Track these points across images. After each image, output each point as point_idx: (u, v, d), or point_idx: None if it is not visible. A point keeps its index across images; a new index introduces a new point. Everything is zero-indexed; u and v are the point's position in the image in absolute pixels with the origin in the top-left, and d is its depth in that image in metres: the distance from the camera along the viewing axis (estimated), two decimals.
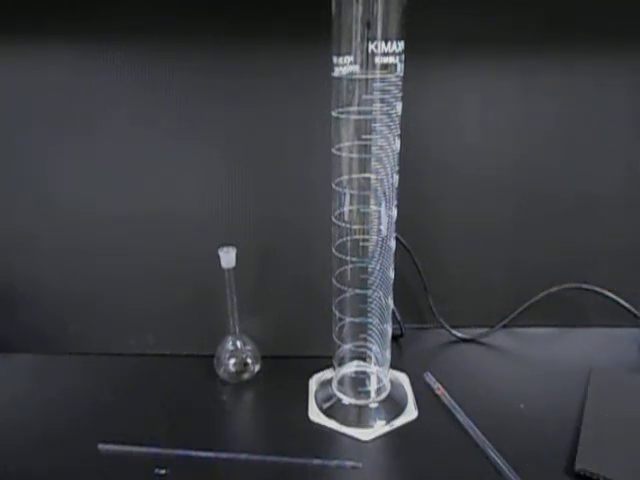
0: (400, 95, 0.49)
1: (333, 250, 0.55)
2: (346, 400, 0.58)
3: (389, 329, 0.57)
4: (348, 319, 0.56)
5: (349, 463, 0.50)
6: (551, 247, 0.70)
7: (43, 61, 0.60)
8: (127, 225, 0.65)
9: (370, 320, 0.55)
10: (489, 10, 0.61)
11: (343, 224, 0.53)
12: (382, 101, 0.48)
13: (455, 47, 0.62)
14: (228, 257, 0.59)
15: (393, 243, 0.55)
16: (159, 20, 0.59)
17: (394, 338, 0.65)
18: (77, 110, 0.62)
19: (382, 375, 0.59)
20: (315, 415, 0.57)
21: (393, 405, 0.58)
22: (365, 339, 0.56)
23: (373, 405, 0.58)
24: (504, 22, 0.61)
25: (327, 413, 0.57)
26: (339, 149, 0.51)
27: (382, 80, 0.47)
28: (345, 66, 0.47)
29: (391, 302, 0.57)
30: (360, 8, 0.45)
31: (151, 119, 0.62)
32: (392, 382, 0.60)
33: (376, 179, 0.51)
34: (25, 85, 0.61)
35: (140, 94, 0.61)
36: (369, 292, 0.54)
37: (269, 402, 0.60)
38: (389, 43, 0.46)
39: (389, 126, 0.49)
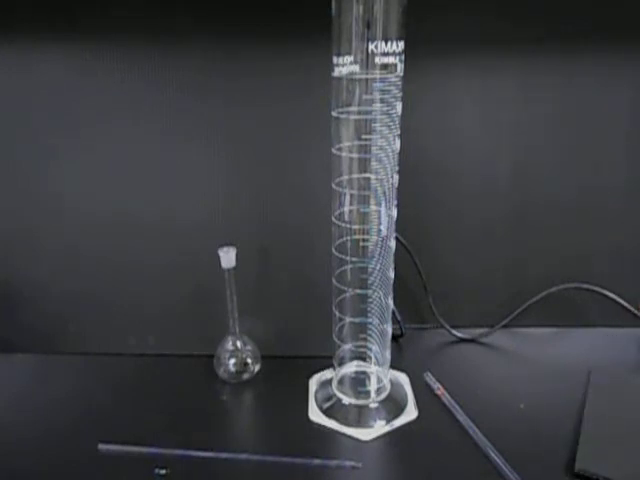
0: (400, 95, 0.49)
1: (333, 250, 0.55)
2: (346, 400, 0.58)
3: (389, 329, 0.57)
4: (348, 319, 0.56)
5: (349, 463, 0.50)
6: (551, 247, 0.70)
7: (44, 62, 0.60)
8: (127, 225, 0.65)
9: (370, 320, 0.55)
10: (489, 10, 0.61)
11: (343, 224, 0.53)
12: (382, 101, 0.48)
13: (455, 47, 0.62)
14: (228, 257, 0.59)
15: (393, 243, 0.55)
16: (159, 20, 0.59)
17: (394, 338, 0.65)
18: (77, 111, 0.62)
19: (382, 375, 0.59)
20: (315, 415, 0.57)
21: (393, 405, 0.58)
22: (365, 339, 0.56)
23: (373, 405, 0.58)
24: (504, 22, 0.61)
25: (327, 413, 0.57)
26: (339, 149, 0.51)
27: (382, 80, 0.47)
28: (345, 66, 0.48)
29: (391, 302, 0.57)
30: (360, 8, 0.45)
31: (151, 119, 0.62)
32: (392, 382, 0.60)
33: (376, 179, 0.51)
34: (25, 85, 0.61)
35: (140, 94, 0.61)
36: (369, 292, 0.54)
37: (269, 402, 0.60)
38: (389, 43, 0.46)
39: (389, 126, 0.49)
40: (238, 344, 0.63)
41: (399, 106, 0.50)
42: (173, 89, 0.61)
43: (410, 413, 0.57)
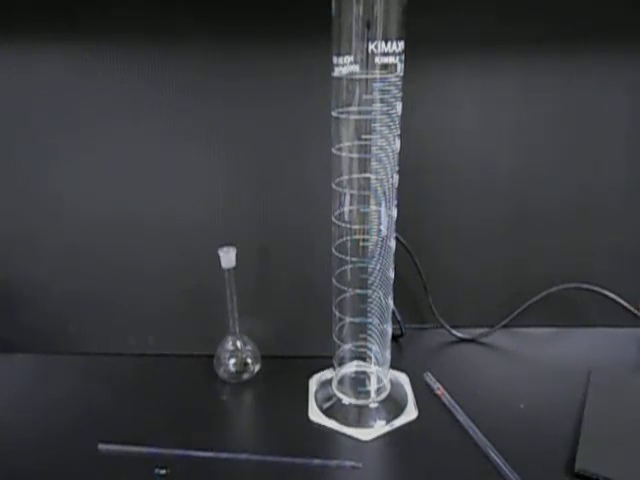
0: (400, 95, 0.49)
1: (333, 250, 0.55)
2: (346, 400, 0.58)
3: (389, 329, 0.57)
4: (348, 319, 0.56)
5: (349, 463, 0.50)
6: (551, 247, 0.70)
7: (44, 62, 0.60)
8: (127, 225, 0.65)
9: (370, 320, 0.55)
10: (489, 10, 0.61)
11: (343, 224, 0.53)
12: (382, 101, 0.48)
13: (455, 47, 0.62)
14: (228, 257, 0.59)
15: (393, 243, 0.55)
16: (159, 20, 0.59)
17: (394, 338, 0.65)
18: (77, 111, 0.62)
19: (382, 375, 0.59)
20: (315, 415, 0.57)
21: (393, 405, 0.58)
22: (365, 339, 0.56)
23: (373, 405, 0.58)
24: (504, 22, 0.61)
25: (327, 413, 0.57)
26: (339, 149, 0.51)
27: (382, 80, 0.47)
28: (345, 66, 0.48)
29: (391, 302, 0.57)
30: (360, 8, 0.45)
31: (151, 119, 0.62)
32: (392, 382, 0.60)
33: (376, 179, 0.51)
34: (25, 85, 0.61)
35: (140, 94, 0.61)
36: (369, 292, 0.54)
37: (269, 402, 0.60)
38: (389, 43, 0.46)
39: (389, 126, 0.49)
40: (238, 344, 0.63)
41: (399, 106, 0.50)
42: (173, 89, 0.61)
43: (410, 413, 0.57)
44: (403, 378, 0.62)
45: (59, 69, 0.61)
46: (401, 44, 0.47)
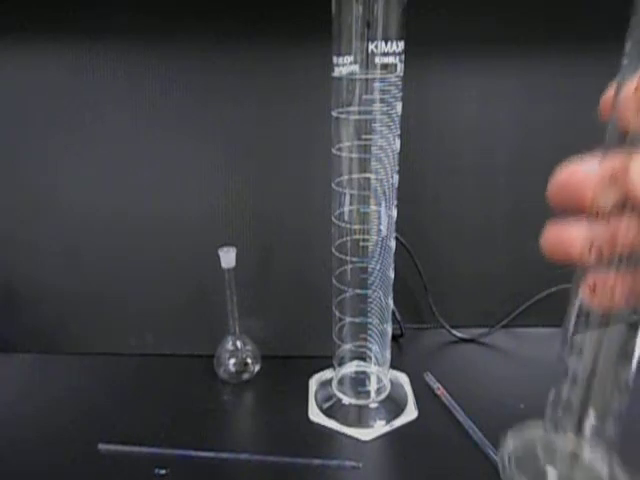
0: (400, 95, 0.49)
1: (333, 250, 0.55)
2: (346, 400, 0.58)
3: (389, 329, 0.57)
4: (348, 319, 0.56)
5: (349, 463, 0.50)
6: None
7: (44, 61, 0.60)
8: (127, 225, 0.65)
9: (370, 320, 0.55)
10: (488, 10, 0.61)
11: (343, 224, 0.53)
12: (382, 101, 0.48)
13: (455, 47, 0.62)
14: (228, 257, 0.59)
15: (393, 243, 0.55)
16: (159, 19, 0.59)
17: (394, 338, 0.65)
18: (77, 110, 0.62)
19: (382, 375, 0.59)
20: (315, 415, 0.57)
21: (393, 405, 0.58)
22: (365, 339, 0.56)
23: (373, 405, 0.58)
24: (504, 22, 0.61)
25: (327, 413, 0.57)
26: (339, 149, 0.51)
27: (382, 80, 0.47)
28: (345, 66, 0.48)
29: (391, 302, 0.57)
30: (360, 8, 0.45)
31: (151, 119, 0.62)
32: (392, 382, 0.60)
33: (376, 179, 0.51)
34: (24, 85, 0.61)
35: (140, 94, 0.61)
36: (369, 292, 0.54)
37: (269, 402, 0.60)
38: (389, 43, 0.46)
39: (389, 126, 0.49)
40: (238, 344, 0.63)
41: (399, 106, 0.50)
42: (173, 89, 0.61)
43: (410, 413, 0.57)
44: (403, 378, 0.62)
45: (58, 69, 0.61)
46: (401, 44, 0.47)
